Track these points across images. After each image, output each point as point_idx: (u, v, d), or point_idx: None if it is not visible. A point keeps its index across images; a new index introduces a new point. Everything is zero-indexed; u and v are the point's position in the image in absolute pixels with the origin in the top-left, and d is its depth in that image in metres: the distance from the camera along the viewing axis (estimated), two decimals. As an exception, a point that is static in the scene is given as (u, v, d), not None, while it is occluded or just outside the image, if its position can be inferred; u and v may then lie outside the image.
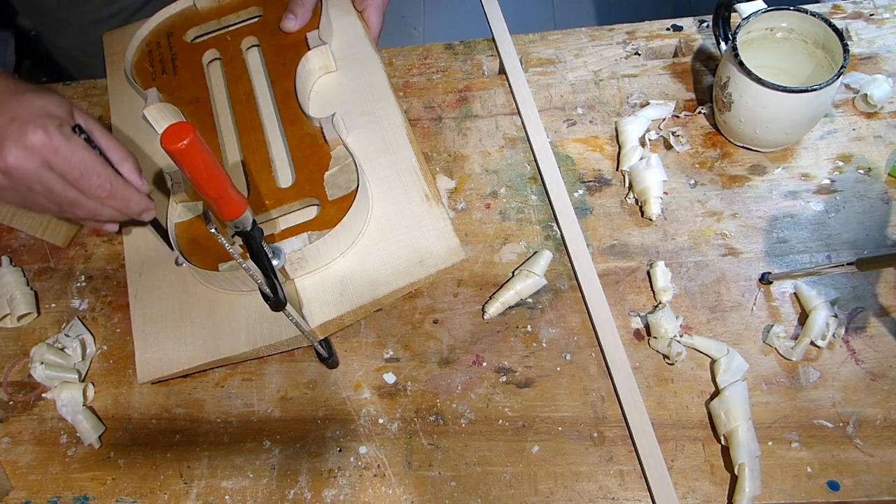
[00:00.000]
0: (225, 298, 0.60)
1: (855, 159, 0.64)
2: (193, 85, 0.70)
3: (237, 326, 0.58)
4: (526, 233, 0.64)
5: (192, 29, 0.74)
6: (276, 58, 0.70)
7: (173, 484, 0.56)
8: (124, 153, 0.56)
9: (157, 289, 0.62)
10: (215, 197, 0.46)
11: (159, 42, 0.74)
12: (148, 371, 0.59)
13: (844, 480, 0.51)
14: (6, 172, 0.51)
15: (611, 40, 0.74)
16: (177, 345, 0.59)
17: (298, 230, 0.59)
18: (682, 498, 0.52)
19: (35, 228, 0.67)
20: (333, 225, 0.58)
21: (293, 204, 0.61)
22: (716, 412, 0.53)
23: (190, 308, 0.60)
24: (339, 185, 0.61)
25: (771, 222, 0.62)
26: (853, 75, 0.68)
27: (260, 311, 0.58)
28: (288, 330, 0.56)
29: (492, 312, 0.60)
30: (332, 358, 0.58)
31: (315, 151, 0.63)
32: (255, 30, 0.73)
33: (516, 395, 0.57)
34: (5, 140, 0.50)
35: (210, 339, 0.58)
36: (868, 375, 0.55)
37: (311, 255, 0.58)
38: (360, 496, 0.54)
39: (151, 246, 0.64)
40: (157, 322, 0.60)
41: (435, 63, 0.75)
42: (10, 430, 0.59)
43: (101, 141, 0.55)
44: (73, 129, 0.53)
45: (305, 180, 0.62)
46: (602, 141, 0.68)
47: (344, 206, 0.59)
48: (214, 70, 0.73)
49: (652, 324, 0.57)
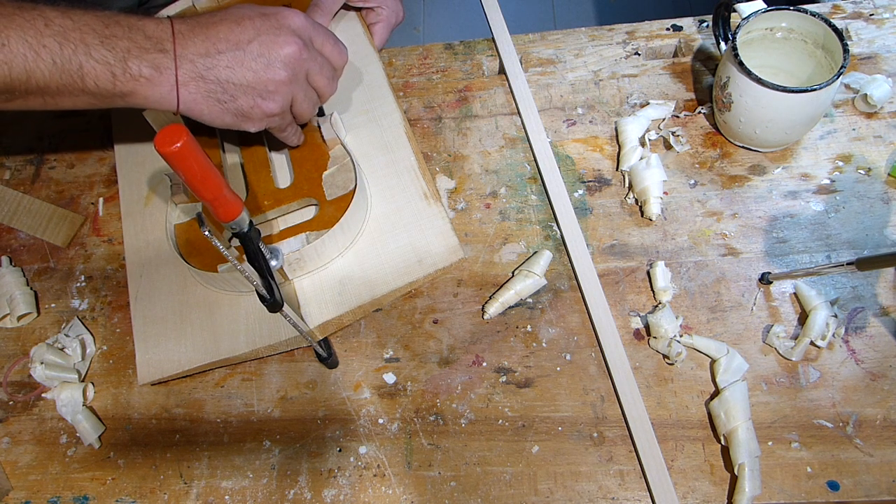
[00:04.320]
0: (224, 299, 0.60)
1: (855, 159, 0.64)
2: None
3: (237, 327, 0.58)
4: (526, 233, 0.64)
5: None
6: None
7: (173, 484, 0.56)
8: None
9: (158, 290, 0.62)
10: (211, 199, 0.46)
11: None
12: (148, 372, 0.59)
13: (844, 480, 0.51)
14: (294, 32, 0.54)
15: (611, 40, 0.74)
16: (177, 346, 0.59)
17: (297, 230, 0.59)
18: (682, 498, 0.52)
19: (35, 228, 0.67)
20: (332, 225, 0.58)
21: (291, 204, 0.61)
22: (716, 412, 0.53)
23: (190, 309, 0.60)
24: (337, 185, 0.61)
25: (771, 222, 0.62)
26: (853, 75, 0.68)
27: (259, 311, 0.58)
28: (287, 330, 0.56)
29: (492, 312, 0.60)
30: (332, 358, 0.58)
31: (313, 151, 0.63)
32: None
33: (516, 395, 0.57)
34: (278, 14, 0.55)
35: (210, 339, 0.58)
36: (868, 375, 0.55)
37: (310, 256, 0.58)
38: (359, 496, 0.54)
39: (152, 247, 0.64)
40: (157, 323, 0.60)
41: (435, 63, 0.75)
42: (10, 430, 0.59)
43: None
44: None
45: (304, 180, 0.62)
46: (602, 141, 0.68)
47: (342, 206, 0.59)
48: None
49: (652, 324, 0.57)
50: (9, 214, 0.67)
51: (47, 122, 0.75)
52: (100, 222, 0.68)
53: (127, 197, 0.67)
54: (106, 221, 0.68)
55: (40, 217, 0.67)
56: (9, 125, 0.75)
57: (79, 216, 0.68)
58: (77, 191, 0.70)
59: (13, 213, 0.67)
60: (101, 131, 0.74)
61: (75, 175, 0.71)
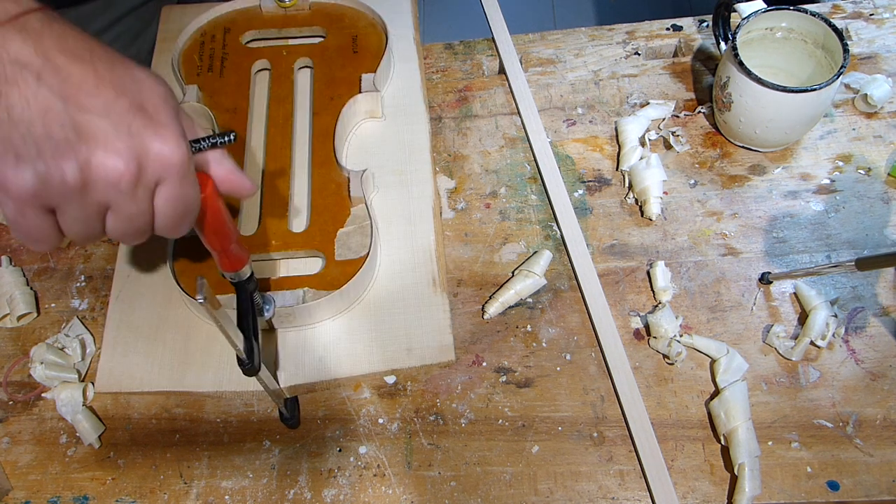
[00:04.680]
0: (203, 328, 0.58)
1: (855, 159, 0.64)
2: (235, 93, 0.67)
3: (208, 362, 0.56)
4: (526, 233, 0.64)
5: (251, 31, 0.71)
6: (325, 89, 0.67)
7: (173, 484, 0.56)
8: None
9: (140, 296, 0.60)
10: (219, 250, 0.44)
11: (214, 35, 0.71)
12: (107, 382, 0.57)
13: (844, 480, 0.51)
14: (146, 153, 0.36)
15: (611, 40, 0.74)
16: (143, 362, 0.57)
17: (296, 283, 0.57)
18: (682, 498, 0.52)
19: (35, 228, 0.67)
20: (333, 288, 0.56)
21: (298, 251, 0.59)
22: (716, 412, 0.53)
23: (167, 327, 0.58)
24: (349, 247, 0.58)
25: (771, 222, 0.62)
26: (853, 75, 0.68)
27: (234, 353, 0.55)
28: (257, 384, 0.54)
29: (492, 312, 0.60)
30: (294, 419, 0.56)
31: (336, 202, 0.61)
32: (312, 51, 0.70)
33: (516, 395, 0.57)
34: (142, 135, 0.36)
35: (177, 366, 0.56)
36: (868, 375, 0.55)
37: (301, 314, 0.56)
38: (359, 496, 0.54)
39: (145, 249, 0.62)
40: (130, 331, 0.58)
41: (435, 63, 0.75)
42: (10, 430, 0.59)
43: None
44: None
45: (317, 231, 0.59)
46: (602, 141, 0.68)
47: (348, 272, 0.56)
48: (260, 82, 0.70)
49: (652, 324, 0.57)
50: (9, 214, 0.67)
51: (47, 122, 0.75)
52: (100, 222, 0.68)
53: None
54: (106, 221, 0.68)
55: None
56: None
57: (79, 216, 0.68)
58: (77, 191, 0.70)
59: (13, 213, 0.67)
60: (100, 131, 0.74)
61: (75, 175, 0.71)
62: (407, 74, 0.71)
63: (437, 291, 0.59)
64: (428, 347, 0.57)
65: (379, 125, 0.68)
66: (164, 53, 0.72)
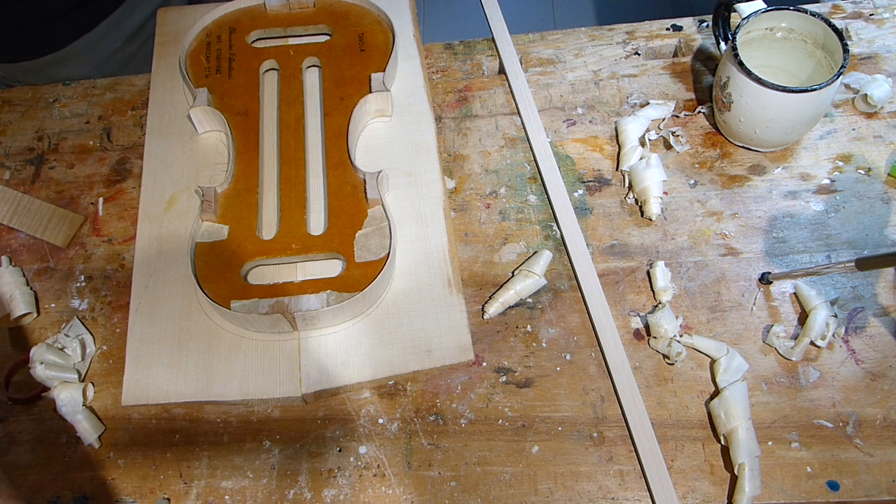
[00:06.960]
0: (226, 337, 0.58)
1: (855, 159, 0.64)
2: (245, 94, 0.67)
3: (232, 370, 0.56)
4: (526, 233, 0.64)
5: (257, 31, 0.71)
6: (334, 88, 0.67)
7: (173, 484, 0.56)
8: None
9: (159, 307, 0.60)
10: None
11: (220, 36, 0.71)
12: (134, 395, 0.57)
13: (844, 480, 0.52)
14: None
15: (610, 40, 0.74)
16: (168, 374, 0.57)
17: (319, 286, 0.57)
18: (682, 498, 0.52)
19: (35, 228, 0.67)
20: (356, 290, 0.56)
21: (319, 254, 0.59)
22: (716, 412, 0.53)
23: (188, 337, 0.58)
24: (369, 249, 0.58)
25: (771, 222, 0.62)
26: (853, 75, 0.68)
27: (257, 361, 0.57)
28: (282, 389, 0.55)
29: (492, 312, 0.60)
30: None
31: (353, 204, 0.61)
32: (319, 50, 0.70)
33: (516, 395, 0.57)
34: None
35: (203, 376, 0.56)
36: (868, 375, 0.55)
37: (326, 318, 0.56)
38: (359, 496, 0.54)
39: (163, 259, 0.62)
40: (153, 343, 0.58)
41: (435, 63, 0.75)
42: (10, 430, 0.59)
43: None
44: None
45: (336, 233, 0.59)
46: (602, 141, 0.68)
47: (369, 274, 0.57)
48: (269, 82, 0.70)
49: (652, 324, 0.57)
50: (9, 214, 0.67)
51: (47, 122, 0.75)
52: (100, 222, 0.68)
53: (148, 197, 0.65)
54: (106, 221, 0.68)
55: (40, 217, 0.67)
56: (9, 125, 0.75)
57: (79, 216, 0.68)
58: (77, 191, 0.70)
59: (13, 213, 0.67)
60: (100, 131, 0.74)
61: (75, 175, 0.71)
62: (409, 73, 0.71)
63: (452, 292, 0.59)
64: (447, 348, 0.57)
65: (385, 125, 0.68)
66: (165, 57, 0.72)
